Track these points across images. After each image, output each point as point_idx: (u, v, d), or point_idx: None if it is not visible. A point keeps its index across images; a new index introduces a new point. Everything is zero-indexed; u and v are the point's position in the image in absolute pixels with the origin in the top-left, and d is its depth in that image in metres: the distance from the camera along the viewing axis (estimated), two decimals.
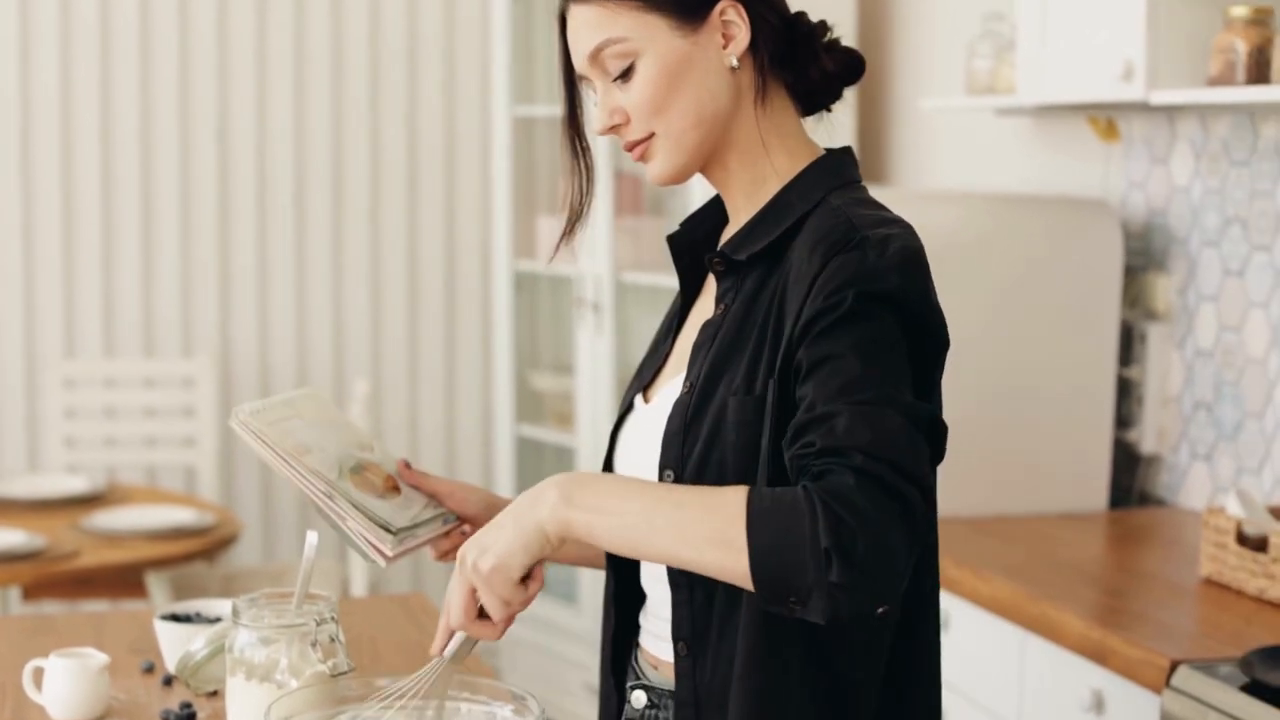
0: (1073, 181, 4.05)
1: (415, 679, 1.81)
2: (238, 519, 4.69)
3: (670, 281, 4.87)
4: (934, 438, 1.73)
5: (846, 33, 1.92)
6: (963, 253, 3.58)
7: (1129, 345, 3.78)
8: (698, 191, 4.43)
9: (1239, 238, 3.52)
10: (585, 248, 5.18)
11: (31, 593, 4.53)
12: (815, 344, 1.71)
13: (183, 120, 5.59)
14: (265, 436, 1.96)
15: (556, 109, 6.16)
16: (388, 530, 1.97)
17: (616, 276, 5.11)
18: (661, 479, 1.83)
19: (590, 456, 5.24)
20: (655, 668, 1.91)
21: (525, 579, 1.75)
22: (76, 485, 4.79)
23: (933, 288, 1.78)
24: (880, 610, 1.63)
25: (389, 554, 1.96)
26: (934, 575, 1.87)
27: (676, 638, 1.85)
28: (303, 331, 5.74)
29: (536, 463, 5.70)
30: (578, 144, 1.97)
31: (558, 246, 1.99)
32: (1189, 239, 3.66)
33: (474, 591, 1.76)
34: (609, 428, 5.10)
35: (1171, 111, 3.66)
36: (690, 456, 1.81)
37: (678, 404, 1.85)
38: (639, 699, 1.93)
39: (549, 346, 5.71)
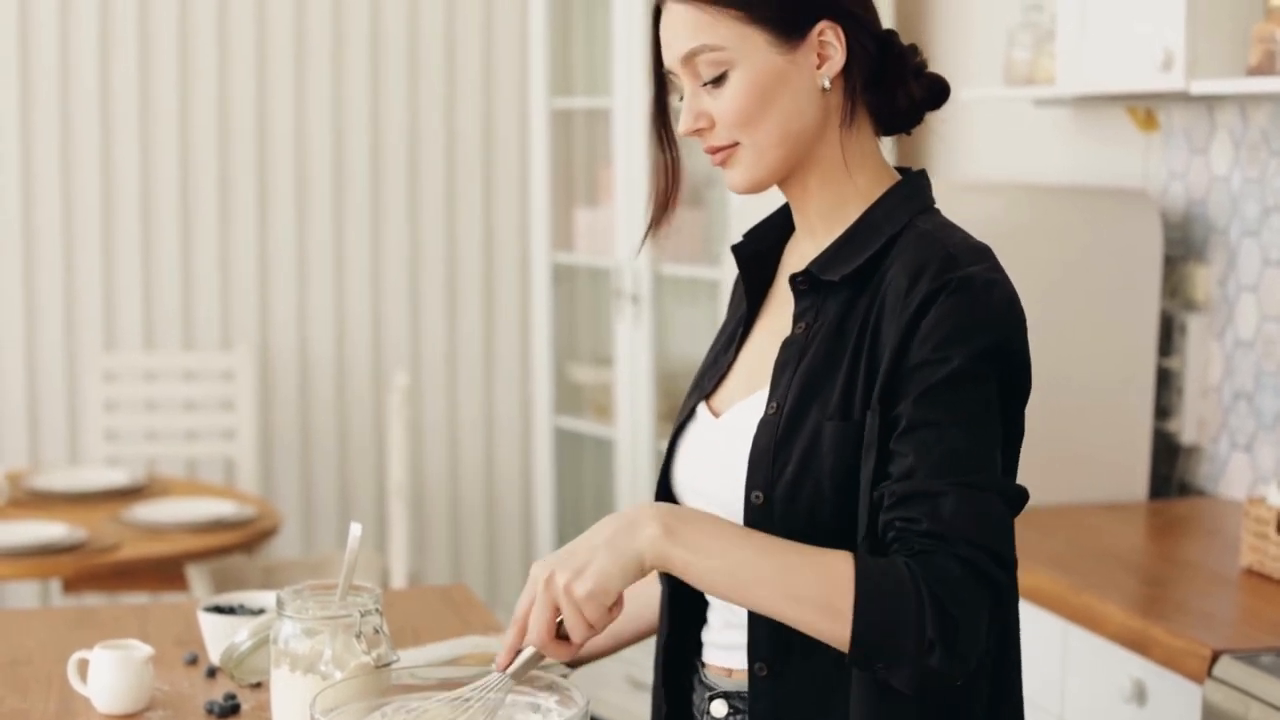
0: (1112, 172, 4.04)
1: (477, 689, 1.80)
2: (277, 511, 4.70)
3: (709, 274, 4.87)
4: (1017, 510, 1.80)
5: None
6: (1002, 244, 3.50)
7: (1169, 336, 3.77)
8: None
9: (1279, 227, 3.50)
10: (623, 240, 5.19)
11: (72, 585, 4.55)
12: (919, 403, 1.73)
13: (221, 113, 5.61)
14: None
15: (593, 101, 6.14)
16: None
17: (655, 268, 5.11)
18: (749, 501, 1.81)
19: (629, 449, 5.24)
20: (729, 674, 1.91)
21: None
22: (117, 478, 4.81)
23: (1026, 333, 1.83)
24: (957, 683, 1.70)
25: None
26: (1015, 590, 1.87)
27: (754, 658, 1.84)
28: (342, 324, 5.76)
29: (575, 455, 5.71)
30: (665, 136, 1.97)
31: (644, 240, 2.03)
32: (1229, 229, 3.65)
33: (556, 612, 1.76)
34: (648, 419, 5.14)
35: (1211, 101, 3.64)
36: (781, 479, 1.79)
37: (764, 424, 1.83)
38: (719, 708, 1.92)
39: (588, 338, 5.72)
